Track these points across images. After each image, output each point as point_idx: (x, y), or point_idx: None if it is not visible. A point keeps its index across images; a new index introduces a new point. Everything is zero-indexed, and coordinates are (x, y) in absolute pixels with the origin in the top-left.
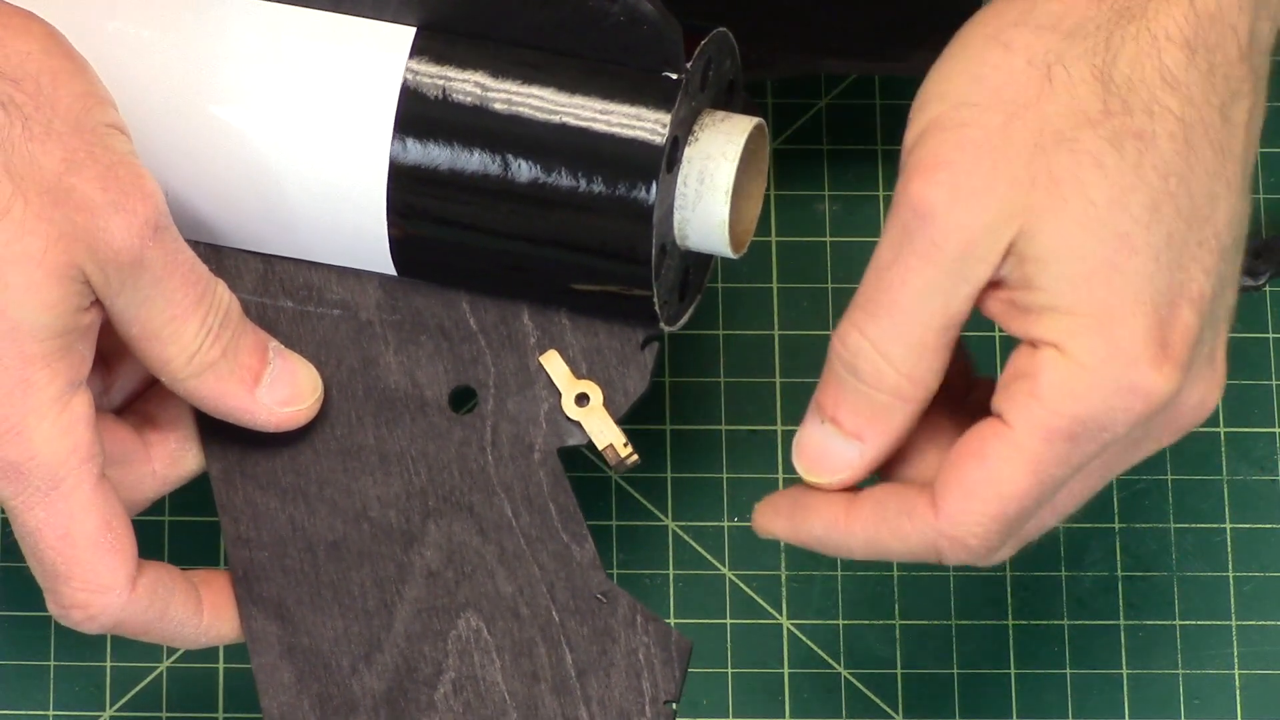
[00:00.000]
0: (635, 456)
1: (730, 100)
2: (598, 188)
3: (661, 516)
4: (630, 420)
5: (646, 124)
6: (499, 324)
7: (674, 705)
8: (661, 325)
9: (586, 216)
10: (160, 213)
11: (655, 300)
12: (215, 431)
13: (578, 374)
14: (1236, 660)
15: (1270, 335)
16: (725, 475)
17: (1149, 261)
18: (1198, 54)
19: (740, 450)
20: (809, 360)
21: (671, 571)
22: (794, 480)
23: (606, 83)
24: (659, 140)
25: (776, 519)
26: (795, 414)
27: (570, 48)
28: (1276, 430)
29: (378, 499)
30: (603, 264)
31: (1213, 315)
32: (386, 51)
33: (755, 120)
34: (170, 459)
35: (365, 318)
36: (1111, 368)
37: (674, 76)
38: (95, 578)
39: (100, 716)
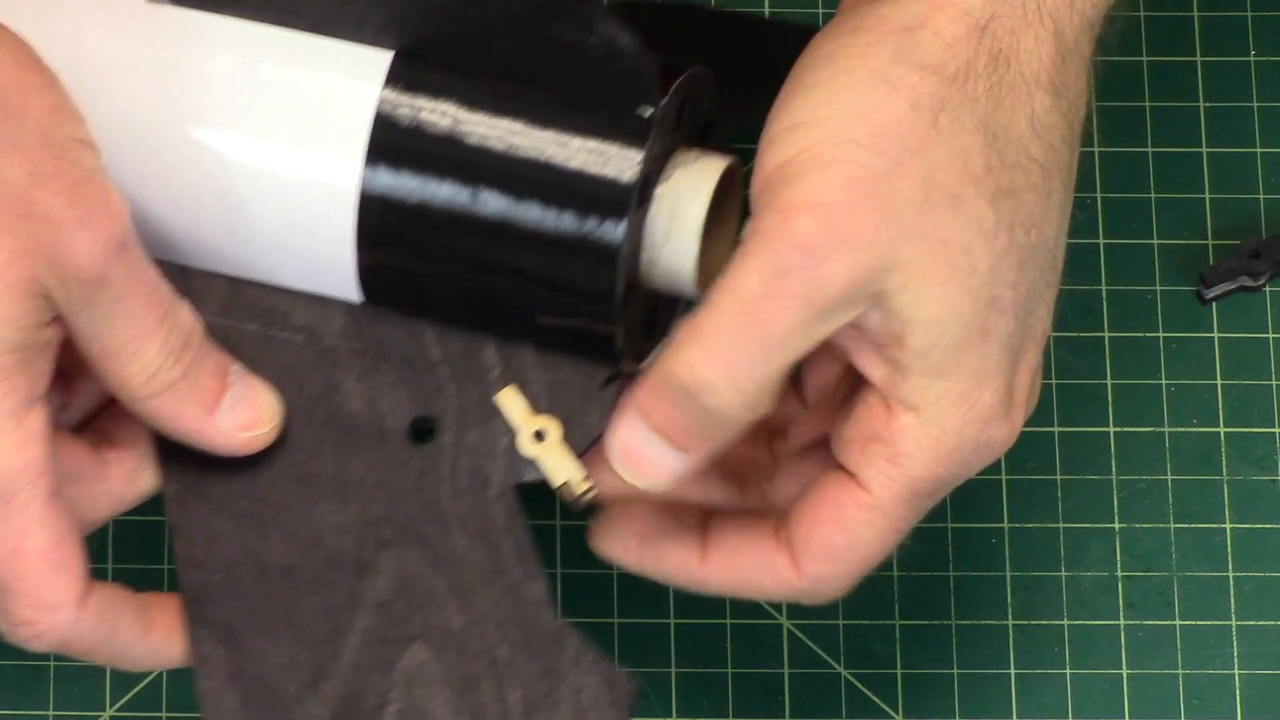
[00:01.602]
0: (593, 493)
1: (707, 140)
2: (566, 223)
3: None
4: None
5: (618, 161)
6: (462, 356)
7: None
8: (623, 365)
9: (553, 253)
10: (126, 230)
11: (618, 340)
12: (172, 452)
13: (540, 408)
14: (1236, 660)
15: (1270, 335)
16: None
17: (1012, 320)
18: (1061, 96)
19: None
20: None
21: None
22: None
23: (580, 117)
24: (629, 177)
25: (625, 552)
26: None
27: (546, 80)
28: (1276, 430)
29: (333, 527)
30: (568, 300)
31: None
32: (361, 78)
33: (729, 159)
34: (127, 478)
35: (329, 344)
36: (970, 430)
37: (648, 113)
38: (44, 595)
39: (100, 716)
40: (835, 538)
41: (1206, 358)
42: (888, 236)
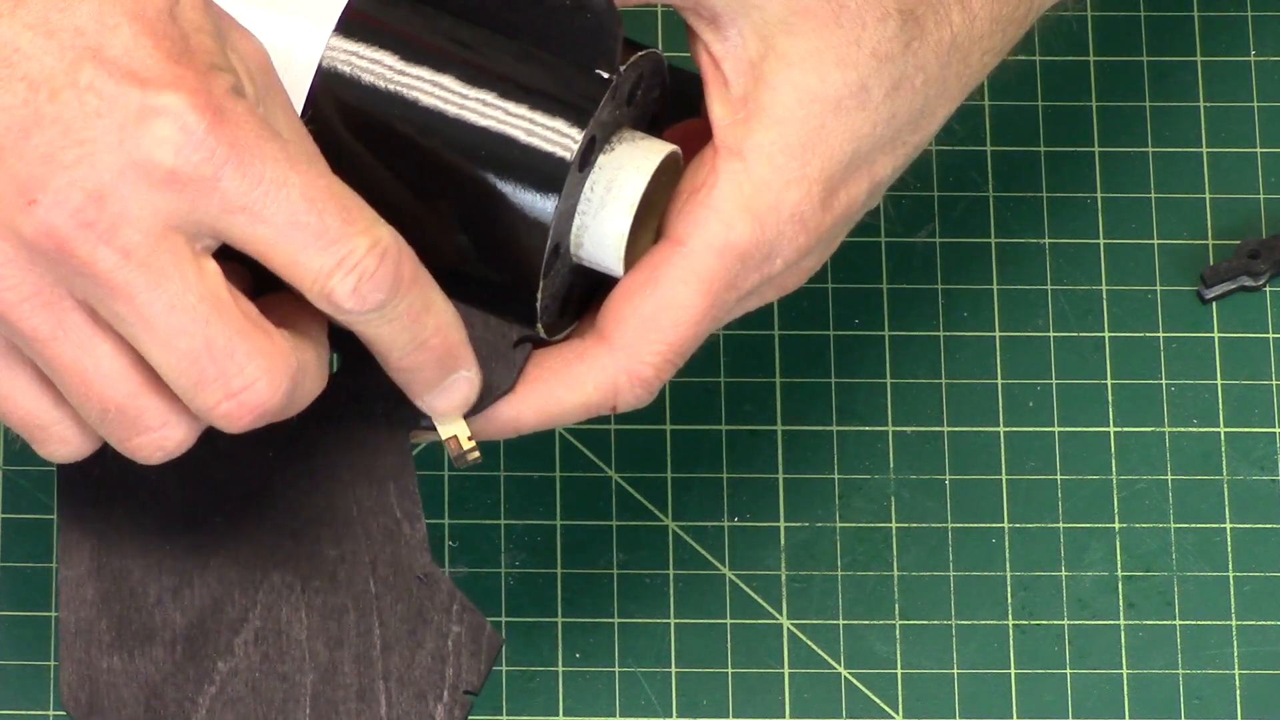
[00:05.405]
0: (478, 454)
1: (654, 133)
2: (507, 171)
3: (661, 516)
4: (631, 420)
5: (568, 114)
6: None
7: (473, 697)
8: (539, 329)
9: (488, 201)
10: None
11: (538, 299)
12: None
13: None
14: (1236, 660)
15: (1270, 335)
16: (725, 475)
17: (870, 121)
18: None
19: (740, 450)
20: (809, 360)
21: (671, 571)
22: (795, 480)
23: (536, 70)
24: (576, 133)
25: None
26: (795, 414)
27: (509, 26)
28: (1276, 430)
29: (222, 452)
30: (496, 251)
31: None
32: (311, 23)
33: (673, 147)
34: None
35: None
36: (790, 194)
37: (605, 75)
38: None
39: None
40: (647, 298)
41: (1206, 358)
42: None
